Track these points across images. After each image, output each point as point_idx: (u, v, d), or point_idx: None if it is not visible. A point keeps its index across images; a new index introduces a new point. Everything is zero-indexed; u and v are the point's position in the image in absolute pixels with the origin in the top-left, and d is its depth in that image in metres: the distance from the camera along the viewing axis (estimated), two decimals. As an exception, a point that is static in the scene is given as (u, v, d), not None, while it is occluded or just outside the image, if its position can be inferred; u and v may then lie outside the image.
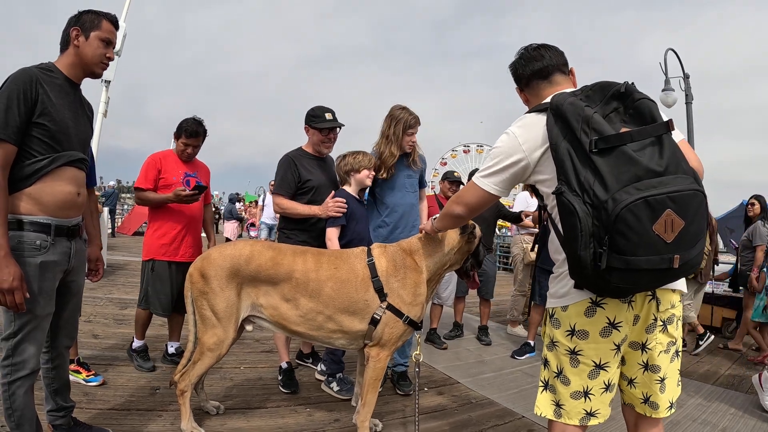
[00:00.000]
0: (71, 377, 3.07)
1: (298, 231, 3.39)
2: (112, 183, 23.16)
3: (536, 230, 5.42)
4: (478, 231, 2.72)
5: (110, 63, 2.25)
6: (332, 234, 3.14)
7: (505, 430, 3.06)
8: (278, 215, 3.62)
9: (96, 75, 2.23)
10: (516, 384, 3.97)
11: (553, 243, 1.71)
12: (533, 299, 4.86)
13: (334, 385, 3.37)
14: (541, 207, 1.80)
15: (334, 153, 3.62)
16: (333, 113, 3.46)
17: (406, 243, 2.67)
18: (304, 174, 3.37)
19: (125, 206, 25.66)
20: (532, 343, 4.87)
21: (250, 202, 18.66)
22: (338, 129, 3.53)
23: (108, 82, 8.59)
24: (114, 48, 2.21)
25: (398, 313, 2.48)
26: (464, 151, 34.66)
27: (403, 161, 3.62)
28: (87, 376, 3.18)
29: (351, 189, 3.30)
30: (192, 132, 3.60)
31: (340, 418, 2.98)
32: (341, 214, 3.13)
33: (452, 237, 2.63)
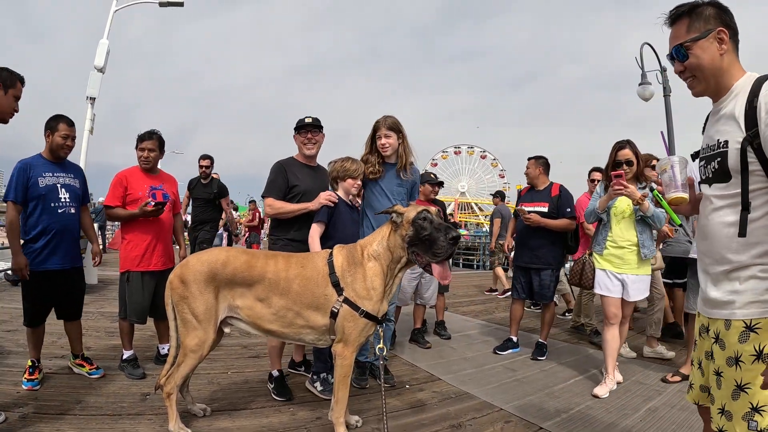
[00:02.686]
0: (76, 370, 3.52)
1: (284, 236, 3.54)
2: (101, 199, 23.01)
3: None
4: (407, 215, 2.64)
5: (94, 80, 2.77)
6: (314, 231, 3.30)
7: (482, 422, 3.18)
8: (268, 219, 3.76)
9: (4, 122, 2.75)
10: (496, 378, 4.09)
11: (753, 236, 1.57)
12: (513, 295, 5.00)
13: (317, 384, 3.50)
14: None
15: (325, 160, 3.77)
16: (314, 118, 3.64)
17: (363, 240, 2.83)
18: (292, 179, 3.52)
19: (115, 222, 25.51)
20: (514, 338, 4.98)
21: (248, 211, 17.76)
22: (321, 132, 3.67)
23: (93, 99, 8.67)
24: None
25: (354, 306, 2.62)
26: (455, 153, 34.77)
27: (393, 169, 3.78)
28: (90, 369, 3.59)
29: (341, 194, 3.45)
30: (144, 136, 3.86)
31: (322, 416, 3.10)
32: (333, 204, 3.31)
33: (387, 226, 2.77)
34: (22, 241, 3.31)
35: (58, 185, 3.47)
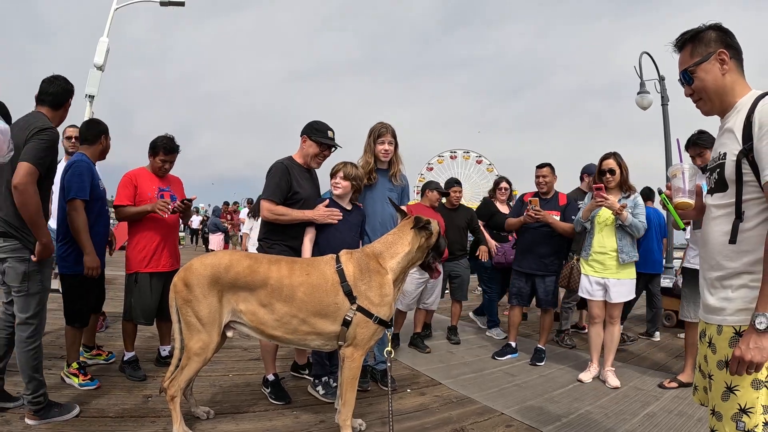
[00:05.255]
0: (68, 380, 3.39)
1: (280, 241, 3.46)
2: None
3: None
4: (434, 226, 2.91)
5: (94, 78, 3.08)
6: (306, 237, 3.39)
7: (484, 426, 3.20)
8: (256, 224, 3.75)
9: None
10: (496, 383, 4.12)
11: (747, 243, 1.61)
12: (510, 301, 5.04)
13: (319, 388, 3.50)
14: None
15: (323, 166, 3.78)
16: (334, 133, 3.58)
17: (370, 248, 2.88)
18: (295, 185, 3.45)
19: (112, 221, 25.18)
20: (513, 344, 5.01)
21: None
22: (333, 150, 3.67)
23: (92, 96, 8.65)
24: None
25: (368, 314, 2.65)
26: (451, 157, 34.78)
27: (385, 175, 3.85)
28: (83, 380, 3.39)
29: (334, 198, 3.48)
30: (169, 149, 3.86)
31: (326, 419, 3.10)
32: (335, 220, 3.35)
33: (411, 237, 2.83)
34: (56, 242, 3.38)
35: (105, 190, 3.70)
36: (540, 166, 4.92)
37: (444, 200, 5.61)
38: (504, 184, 6.39)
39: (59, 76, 3.00)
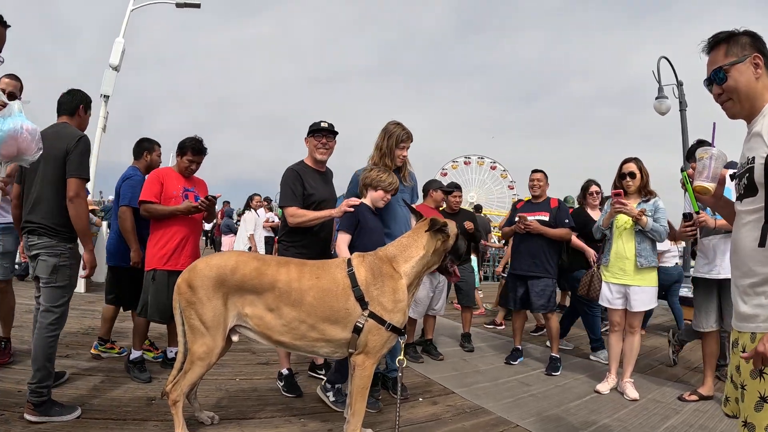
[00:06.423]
0: (105, 355, 3.99)
1: (298, 243, 3.54)
2: (111, 197, 22.83)
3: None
4: (452, 228, 2.79)
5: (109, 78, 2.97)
6: (341, 240, 3.25)
7: (498, 438, 3.08)
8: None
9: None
10: (511, 393, 4.00)
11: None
12: (513, 306, 5.03)
13: (330, 394, 3.39)
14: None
15: (335, 165, 3.83)
16: (330, 124, 3.64)
17: (383, 251, 2.74)
18: (308, 187, 3.51)
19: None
20: (519, 347, 5.08)
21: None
22: (335, 139, 3.70)
23: (107, 96, 8.68)
24: None
25: (380, 320, 2.52)
26: (465, 163, 34.76)
27: (396, 175, 3.74)
28: (156, 354, 4.12)
29: (367, 202, 3.41)
30: (198, 149, 3.92)
31: (334, 428, 3.00)
32: (352, 209, 3.25)
33: (427, 240, 2.71)
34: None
35: None
36: (534, 171, 5.08)
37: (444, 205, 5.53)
38: (594, 188, 5.82)
39: (71, 89, 3.32)
